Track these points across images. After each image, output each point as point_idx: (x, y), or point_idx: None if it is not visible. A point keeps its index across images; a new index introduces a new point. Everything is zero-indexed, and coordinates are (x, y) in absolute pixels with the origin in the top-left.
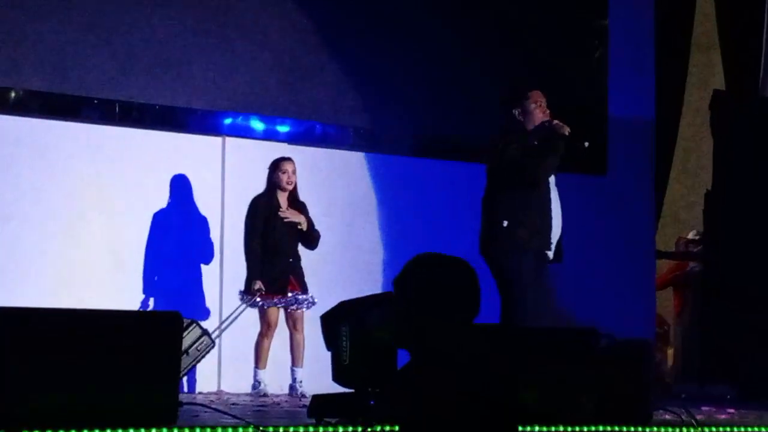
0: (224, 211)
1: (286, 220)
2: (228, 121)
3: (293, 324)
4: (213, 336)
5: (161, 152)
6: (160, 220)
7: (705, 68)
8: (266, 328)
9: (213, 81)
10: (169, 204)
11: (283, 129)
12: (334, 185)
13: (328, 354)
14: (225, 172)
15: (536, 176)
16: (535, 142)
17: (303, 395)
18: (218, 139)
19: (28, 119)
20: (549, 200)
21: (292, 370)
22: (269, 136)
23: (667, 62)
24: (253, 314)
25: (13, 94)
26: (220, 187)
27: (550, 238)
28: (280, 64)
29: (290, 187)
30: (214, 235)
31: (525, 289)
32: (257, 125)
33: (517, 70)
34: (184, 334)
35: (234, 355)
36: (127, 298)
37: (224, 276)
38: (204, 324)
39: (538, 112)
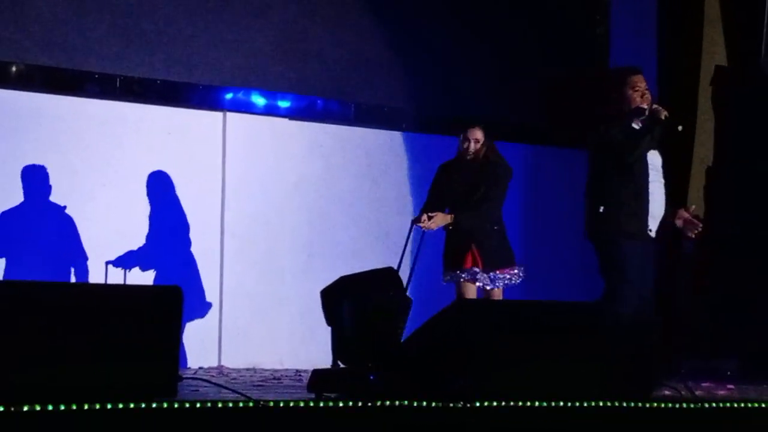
0: (225, 186)
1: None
2: (229, 96)
3: None
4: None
5: (162, 127)
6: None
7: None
8: None
9: (214, 56)
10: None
11: (284, 104)
12: (335, 160)
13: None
14: (226, 148)
15: (632, 158)
16: (635, 126)
17: None
18: (219, 114)
19: (29, 94)
20: (646, 183)
21: None
22: (270, 111)
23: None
24: (253, 289)
25: (14, 69)
26: (221, 162)
27: (646, 221)
28: (282, 38)
29: (470, 157)
30: (214, 211)
31: (626, 275)
32: (258, 100)
33: (519, 46)
34: None
35: (234, 331)
36: (130, 274)
37: (225, 251)
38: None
39: (636, 96)
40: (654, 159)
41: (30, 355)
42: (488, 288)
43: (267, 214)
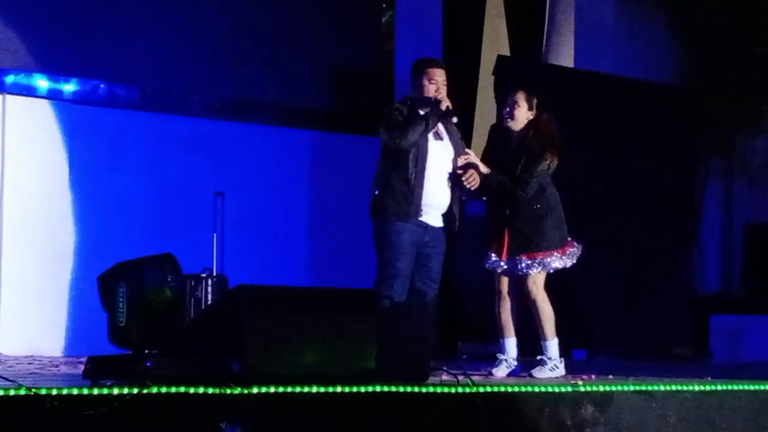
0: (4, 171)
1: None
2: (10, 78)
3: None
4: None
5: None
6: None
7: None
8: None
9: None
10: None
11: (68, 88)
12: (121, 146)
13: None
14: (5, 132)
15: (403, 143)
16: (421, 112)
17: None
18: None
19: None
20: (422, 170)
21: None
22: (53, 95)
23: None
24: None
25: None
26: (0, 146)
27: (414, 204)
28: (66, 19)
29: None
30: None
31: (391, 258)
32: (41, 83)
33: (305, 32)
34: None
35: (13, 318)
36: None
37: (3, 237)
38: None
39: (431, 88)
40: (441, 151)
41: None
42: (521, 273)
43: (48, 199)
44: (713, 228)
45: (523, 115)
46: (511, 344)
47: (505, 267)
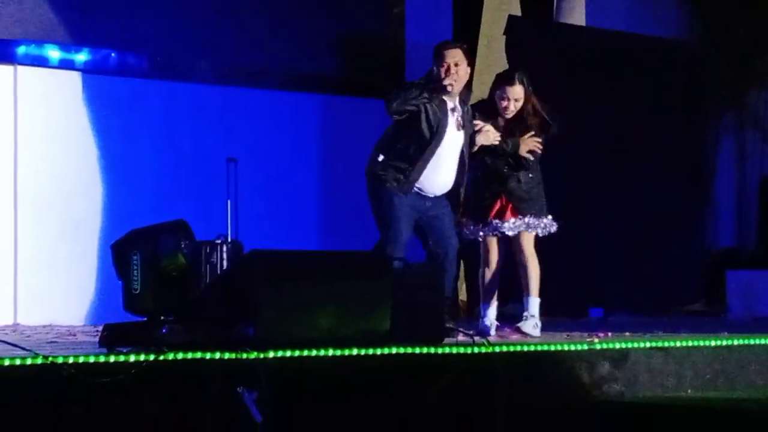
0: (17, 142)
1: None
2: (21, 49)
3: None
4: None
5: None
6: None
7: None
8: None
9: (5, 8)
10: None
11: (79, 58)
12: (133, 114)
13: None
14: (18, 103)
15: (390, 106)
16: (429, 92)
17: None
18: (10, 68)
19: None
20: (424, 145)
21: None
22: (65, 65)
23: None
24: (49, 246)
25: None
26: (12, 117)
27: (410, 180)
28: None
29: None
30: (7, 167)
31: (387, 225)
32: (52, 53)
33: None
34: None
35: (30, 288)
36: None
37: (18, 208)
38: None
39: (442, 69)
40: (458, 142)
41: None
42: (518, 230)
43: (61, 169)
44: (727, 183)
45: (521, 105)
46: (494, 308)
47: (503, 230)
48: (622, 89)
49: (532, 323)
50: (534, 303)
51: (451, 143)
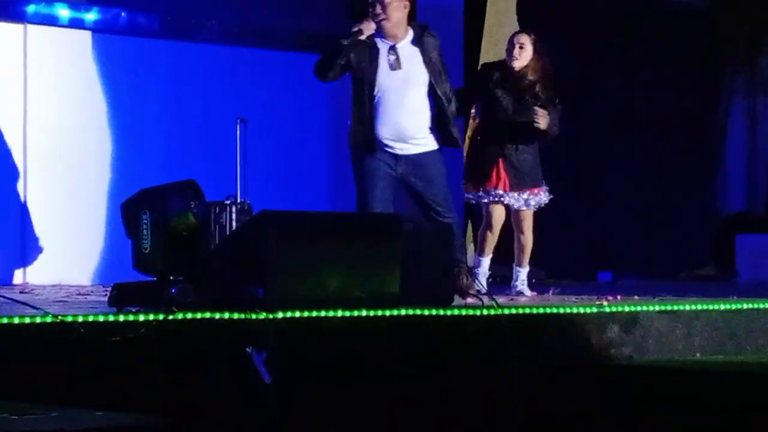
0: (27, 101)
1: None
2: (31, 8)
3: None
4: None
5: None
6: None
7: None
8: None
9: None
10: None
11: (89, 17)
12: (143, 74)
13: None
14: (27, 62)
15: (317, 72)
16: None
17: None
18: (20, 27)
19: None
20: (369, 96)
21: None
22: (75, 24)
23: None
24: (58, 205)
25: None
26: (22, 77)
27: (368, 137)
28: None
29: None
30: (17, 126)
31: (361, 187)
32: (62, 12)
33: None
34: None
35: (39, 247)
36: None
37: (28, 167)
38: None
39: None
40: (399, 80)
41: None
42: (518, 207)
43: (71, 128)
44: (737, 147)
45: (527, 57)
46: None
47: (504, 201)
48: (633, 52)
49: (527, 288)
50: (525, 273)
51: (390, 86)
